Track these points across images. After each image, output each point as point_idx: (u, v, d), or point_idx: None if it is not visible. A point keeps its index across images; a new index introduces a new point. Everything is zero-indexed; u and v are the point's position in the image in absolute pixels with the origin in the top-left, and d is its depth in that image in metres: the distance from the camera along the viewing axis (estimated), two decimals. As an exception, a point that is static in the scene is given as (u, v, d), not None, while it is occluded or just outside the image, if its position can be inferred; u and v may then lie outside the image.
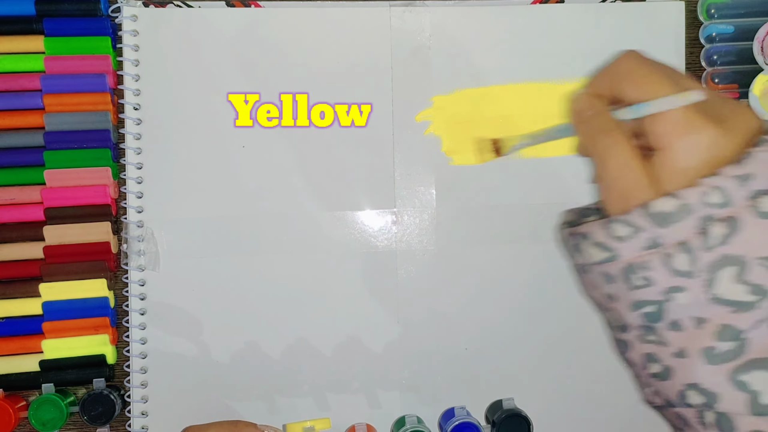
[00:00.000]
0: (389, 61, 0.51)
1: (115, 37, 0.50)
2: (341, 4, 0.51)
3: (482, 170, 0.52)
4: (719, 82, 0.51)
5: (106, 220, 0.49)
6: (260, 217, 0.51)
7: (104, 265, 0.49)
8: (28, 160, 0.49)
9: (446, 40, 0.51)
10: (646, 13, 0.52)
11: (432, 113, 0.52)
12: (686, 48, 0.53)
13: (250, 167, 0.50)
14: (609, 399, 0.52)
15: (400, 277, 0.51)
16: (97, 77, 0.49)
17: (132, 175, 0.50)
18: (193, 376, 0.50)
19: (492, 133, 0.51)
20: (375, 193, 0.51)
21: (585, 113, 0.38)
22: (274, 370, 0.50)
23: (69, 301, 0.48)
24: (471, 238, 0.52)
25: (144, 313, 0.50)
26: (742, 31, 0.51)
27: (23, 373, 0.49)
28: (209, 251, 0.50)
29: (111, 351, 0.49)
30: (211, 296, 0.50)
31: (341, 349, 0.51)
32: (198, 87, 0.50)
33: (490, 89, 0.52)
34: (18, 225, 0.49)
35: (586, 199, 0.50)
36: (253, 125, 0.51)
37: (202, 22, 0.50)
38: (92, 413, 0.48)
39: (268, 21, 0.51)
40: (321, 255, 0.51)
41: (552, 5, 0.52)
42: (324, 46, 0.51)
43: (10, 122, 0.49)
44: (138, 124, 0.50)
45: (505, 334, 0.52)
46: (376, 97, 0.51)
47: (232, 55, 0.50)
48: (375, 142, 0.51)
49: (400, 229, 0.52)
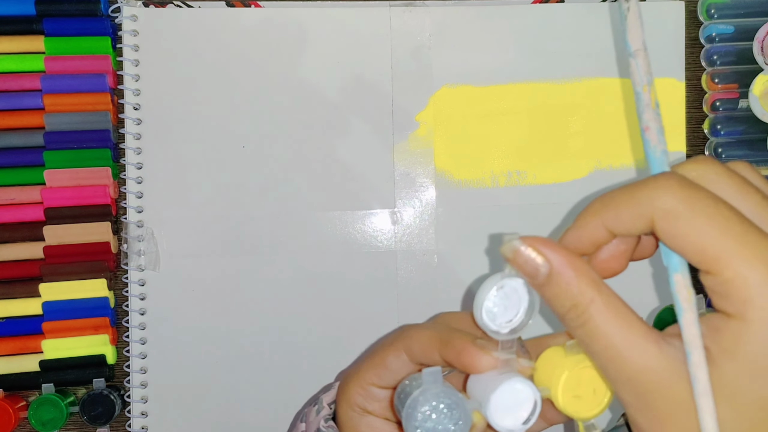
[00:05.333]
0: (389, 61, 0.51)
1: (115, 37, 0.50)
2: (341, 4, 0.51)
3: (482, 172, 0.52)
4: (719, 82, 0.51)
5: (106, 220, 0.49)
6: (260, 217, 0.51)
7: (104, 265, 0.49)
8: (28, 160, 0.49)
9: (446, 40, 0.51)
10: (646, 13, 0.52)
11: (432, 113, 0.52)
12: (686, 48, 0.53)
13: (250, 167, 0.50)
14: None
15: (400, 277, 0.51)
16: (97, 77, 0.49)
17: (132, 175, 0.50)
18: (193, 376, 0.50)
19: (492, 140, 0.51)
20: (375, 193, 0.51)
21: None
22: (275, 369, 0.50)
23: (69, 301, 0.48)
24: (471, 238, 0.52)
25: (144, 313, 0.50)
26: (742, 31, 0.51)
27: (23, 373, 0.49)
28: (209, 251, 0.50)
29: (111, 351, 0.49)
30: (211, 296, 0.50)
31: (341, 349, 0.51)
32: (198, 87, 0.50)
33: (490, 89, 0.52)
34: (18, 225, 0.49)
35: (580, 197, 0.51)
36: (253, 125, 0.51)
37: (202, 22, 0.50)
38: (92, 413, 0.48)
39: (268, 21, 0.51)
40: (321, 255, 0.51)
41: (552, 5, 0.52)
42: (324, 46, 0.51)
43: (10, 122, 0.49)
44: (138, 124, 0.50)
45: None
46: (376, 97, 0.51)
47: (231, 55, 0.50)
48: (375, 142, 0.51)
49: (400, 229, 0.52)
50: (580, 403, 0.29)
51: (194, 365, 0.50)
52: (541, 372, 0.30)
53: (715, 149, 0.52)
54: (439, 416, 0.29)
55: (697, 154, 0.53)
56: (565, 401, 0.29)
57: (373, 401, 0.35)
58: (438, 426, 0.29)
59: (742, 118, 0.51)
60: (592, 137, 0.52)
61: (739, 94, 0.51)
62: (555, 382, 0.29)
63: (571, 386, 0.29)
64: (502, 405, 0.29)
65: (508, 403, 0.29)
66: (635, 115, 0.53)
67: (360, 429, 0.35)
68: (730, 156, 0.51)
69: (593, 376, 0.29)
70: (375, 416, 0.35)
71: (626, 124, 0.52)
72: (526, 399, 0.29)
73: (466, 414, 0.29)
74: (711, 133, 0.52)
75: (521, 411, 0.29)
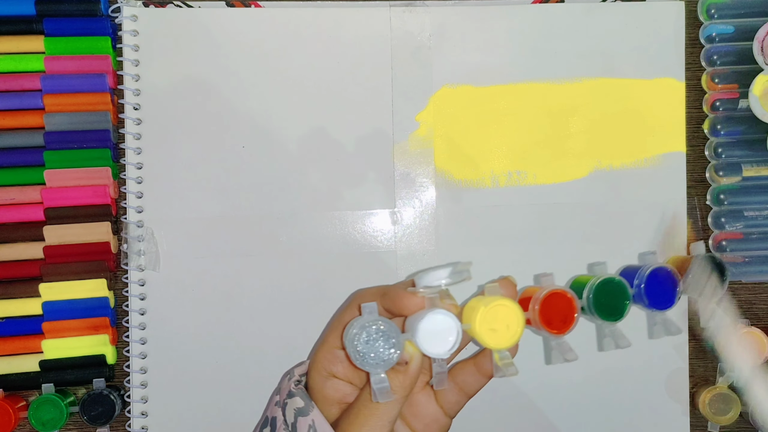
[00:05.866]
0: (389, 61, 0.51)
1: (115, 37, 0.50)
2: (341, 4, 0.51)
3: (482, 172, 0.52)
4: (719, 82, 0.51)
5: (106, 220, 0.49)
6: (260, 217, 0.51)
7: (104, 265, 0.49)
8: (28, 160, 0.49)
9: (446, 40, 0.51)
10: (646, 13, 0.52)
11: (432, 113, 0.52)
12: (686, 48, 0.53)
13: (250, 167, 0.50)
14: (608, 397, 0.52)
15: (400, 277, 0.51)
16: (97, 77, 0.49)
17: (132, 175, 0.50)
18: (193, 376, 0.50)
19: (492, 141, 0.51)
20: (375, 193, 0.51)
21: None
22: (274, 370, 0.50)
23: (69, 301, 0.48)
24: (471, 238, 0.52)
25: (144, 313, 0.50)
26: (742, 31, 0.51)
27: (23, 373, 0.49)
28: (209, 251, 0.50)
29: (111, 351, 0.49)
30: (211, 296, 0.50)
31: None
32: (198, 87, 0.50)
33: (490, 89, 0.52)
34: (18, 225, 0.49)
35: (580, 197, 0.51)
36: (253, 125, 0.51)
37: (202, 22, 0.50)
38: (92, 413, 0.48)
39: (268, 21, 0.51)
40: (321, 255, 0.51)
41: (552, 5, 0.52)
42: (324, 46, 0.51)
43: (10, 122, 0.49)
44: (138, 124, 0.50)
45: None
46: (376, 97, 0.51)
47: (232, 55, 0.50)
48: (375, 142, 0.51)
49: (400, 229, 0.52)
50: (496, 336, 0.36)
51: (194, 365, 0.50)
52: (465, 312, 0.37)
53: (715, 149, 0.52)
54: (375, 340, 0.35)
55: (697, 154, 0.53)
56: (482, 332, 0.35)
57: (337, 363, 0.39)
58: (374, 345, 0.35)
59: (742, 118, 0.51)
60: (592, 137, 0.52)
61: (739, 94, 0.51)
62: (473, 317, 0.35)
63: (488, 320, 0.35)
64: (429, 332, 0.35)
65: (434, 330, 0.35)
66: (635, 115, 0.53)
67: (325, 392, 0.39)
68: (730, 156, 0.51)
69: (507, 313, 0.36)
70: (339, 379, 0.39)
71: (626, 124, 0.52)
72: (449, 328, 0.35)
73: (398, 337, 0.35)
74: (711, 133, 0.52)
75: (447, 339, 0.35)
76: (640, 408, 0.52)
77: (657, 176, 0.52)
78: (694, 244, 0.44)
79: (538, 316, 0.38)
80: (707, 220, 0.53)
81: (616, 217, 0.52)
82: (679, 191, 0.52)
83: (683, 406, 0.52)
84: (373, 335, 0.35)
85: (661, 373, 0.52)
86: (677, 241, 0.52)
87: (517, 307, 0.36)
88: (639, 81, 0.52)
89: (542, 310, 0.38)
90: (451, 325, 0.35)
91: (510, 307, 0.36)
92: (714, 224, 0.52)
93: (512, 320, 0.36)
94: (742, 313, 0.53)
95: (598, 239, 0.52)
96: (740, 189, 0.52)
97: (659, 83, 0.52)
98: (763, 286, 0.54)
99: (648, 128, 0.52)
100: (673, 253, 0.51)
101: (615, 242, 0.52)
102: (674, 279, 0.41)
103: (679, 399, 0.52)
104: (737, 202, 0.51)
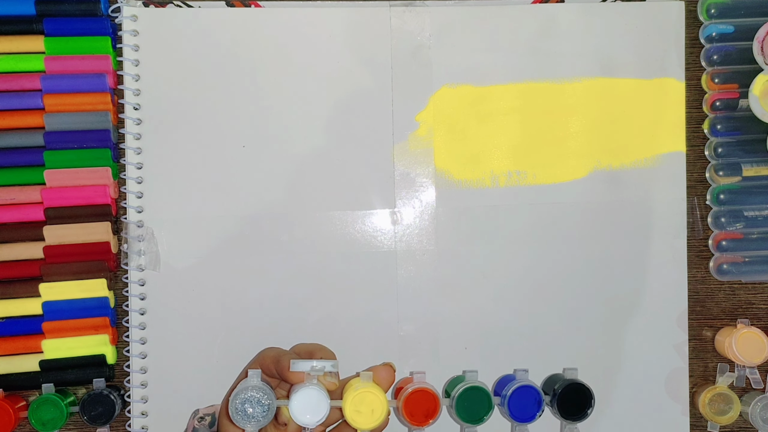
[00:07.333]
0: (389, 61, 0.51)
1: (115, 37, 0.50)
2: (341, 4, 0.51)
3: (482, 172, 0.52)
4: (719, 82, 0.51)
5: (106, 220, 0.49)
6: (260, 217, 0.51)
7: (104, 265, 0.49)
8: (28, 160, 0.49)
9: (446, 40, 0.51)
10: (646, 13, 0.52)
11: (432, 113, 0.52)
12: (686, 48, 0.53)
13: (250, 167, 0.50)
14: (608, 397, 0.52)
15: (400, 277, 0.51)
16: (97, 77, 0.49)
17: (132, 175, 0.50)
18: (193, 376, 0.50)
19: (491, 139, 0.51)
20: (375, 193, 0.51)
21: None
22: (274, 370, 0.50)
23: (69, 301, 0.48)
24: (471, 238, 0.52)
25: (144, 313, 0.50)
26: (742, 31, 0.51)
27: (23, 373, 0.49)
28: (209, 251, 0.50)
29: (111, 351, 0.49)
30: (211, 296, 0.50)
31: (341, 349, 0.51)
32: (198, 87, 0.50)
33: (490, 89, 0.52)
34: (18, 225, 0.49)
35: (580, 197, 0.51)
36: (253, 125, 0.51)
37: (202, 22, 0.50)
38: (92, 413, 0.48)
39: (268, 21, 0.51)
40: (321, 255, 0.51)
41: (552, 5, 0.52)
42: (324, 46, 0.51)
43: (10, 122, 0.49)
44: (138, 124, 0.50)
45: (504, 334, 0.52)
46: (376, 97, 0.51)
47: (232, 55, 0.50)
48: (375, 142, 0.51)
49: (400, 229, 0.52)
50: (360, 417, 0.42)
51: (194, 365, 0.50)
52: (345, 390, 0.43)
53: (715, 149, 0.52)
54: (253, 402, 0.41)
55: (697, 154, 0.53)
56: (350, 413, 0.42)
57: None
58: (249, 409, 0.41)
59: (742, 118, 0.51)
60: (592, 137, 0.52)
61: (739, 94, 0.51)
62: (345, 398, 0.42)
63: (356, 403, 0.42)
64: (302, 404, 0.41)
65: (307, 403, 0.41)
66: (635, 115, 0.53)
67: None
68: (730, 156, 0.51)
69: (373, 400, 0.42)
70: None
71: (626, 124, 0.52)
72: (320, 403, 0.41)
73: (273, 403, 0.41)
74: (711, 133, 0.52)
75: (318, 411, 0.41)
76: (640, 408, 0.52)
77: (657, 176, 0.52)
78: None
79: (403, 407, 0.44)
80: (707, 220, 0.53)
81: (616, 217, 0.52)
82: (679, 191, 0.52)
83: (683, 406, 0.52)
84: (248, 397, 0.41)
85: (661, 373, 0.52)
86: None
87: (383, 396, 0.42)
88: (639, 81, 0.52)
89: (406, 404, 0.44)
90: (322, 400, 0.41)
91: (377, 395, 0.42)
92: (714, 224, 0.52)
93: (377, 406, 0.42)
94: (742, 313, 0.53)
95: (598, 239, 0.52)
96: (740, 189, 0.52)
97: (659, 83, 0.52)
98: (763, 286, 0.54)
99: (648, 128, 0.52)
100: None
101: (615, 242, 0.52)
102: (539, 397, 0.46)
103: (679, 399, 0.52)
104: (737, 202, 0.52)
